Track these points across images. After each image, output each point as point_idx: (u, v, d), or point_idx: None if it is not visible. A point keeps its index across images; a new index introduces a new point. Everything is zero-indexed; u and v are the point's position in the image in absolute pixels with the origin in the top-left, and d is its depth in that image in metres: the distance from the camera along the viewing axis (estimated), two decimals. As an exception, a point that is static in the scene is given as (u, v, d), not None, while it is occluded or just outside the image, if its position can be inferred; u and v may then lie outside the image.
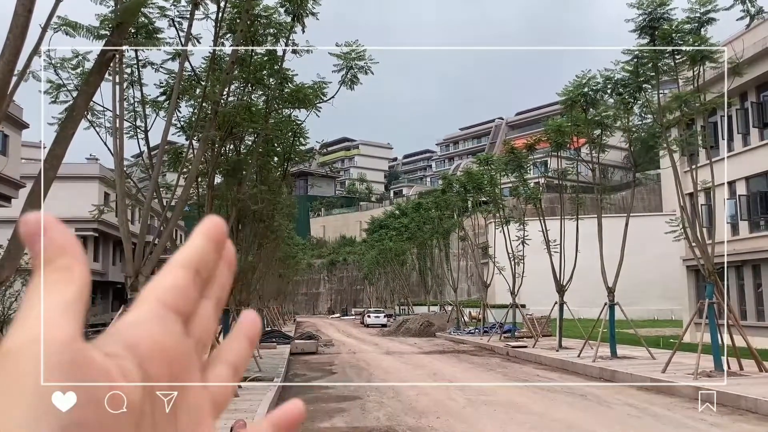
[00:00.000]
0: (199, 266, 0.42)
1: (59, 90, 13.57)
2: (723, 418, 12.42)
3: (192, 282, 0.42)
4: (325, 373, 21.10)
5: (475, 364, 23.32)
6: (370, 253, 73.85)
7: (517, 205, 31.49)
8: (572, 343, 25.31)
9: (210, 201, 15.88)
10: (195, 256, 0.42)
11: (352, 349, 31.29)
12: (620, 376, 17.86)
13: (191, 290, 0.42)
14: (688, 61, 17.21)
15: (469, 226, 41.87)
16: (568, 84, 21.12)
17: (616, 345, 21.26)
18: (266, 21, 14.95)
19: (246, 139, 17.94)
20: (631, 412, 13.24)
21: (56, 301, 0.34)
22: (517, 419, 12.65)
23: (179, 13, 13.45)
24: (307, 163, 25.82)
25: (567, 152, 25.65)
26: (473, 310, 45.66)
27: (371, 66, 16.50)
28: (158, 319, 0.39)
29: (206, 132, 12.72)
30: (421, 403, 14.53)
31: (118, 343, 0.37)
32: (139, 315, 0.39)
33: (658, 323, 43.09)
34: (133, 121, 14.94)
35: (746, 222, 26.99)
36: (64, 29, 10.27)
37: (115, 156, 11.73)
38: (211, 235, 0.43)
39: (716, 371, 16.34)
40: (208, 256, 0.43)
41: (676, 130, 19.32)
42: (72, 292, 0.35)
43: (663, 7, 17.06)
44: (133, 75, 14.26)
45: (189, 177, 12.99)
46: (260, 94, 16.99)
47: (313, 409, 14.16)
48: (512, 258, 29.70)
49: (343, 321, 71.30)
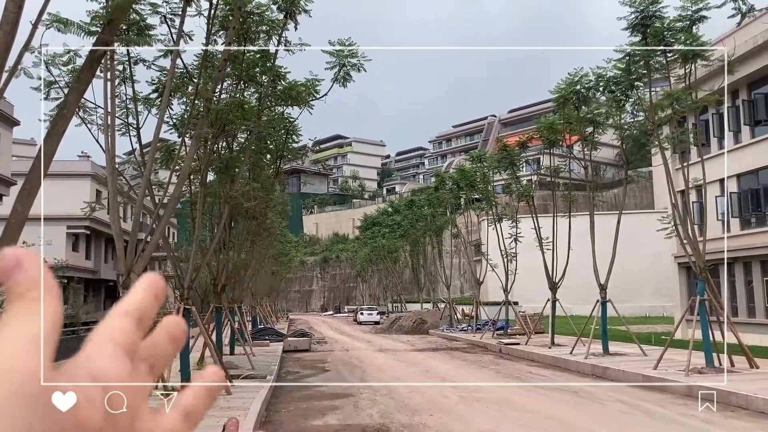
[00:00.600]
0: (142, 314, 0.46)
1: (51, 87, 13.48)
2: (714, 414, 12.48)
3: (136, 328, 0.45)
4: (318, 371, 21.09)
5: (468, 362, 23.36)
6: (363, 251, 73.89)
7: (510, 203, 31.57)
8: (565, 340, 25.40)
9: (202, 198, 15.82)
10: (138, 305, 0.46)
11: (345, 346, 31.29)
12: (612, 372, 17.93)
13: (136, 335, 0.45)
14: (679, 58, 17.27)
15: (462, 224, 41.92)
16: (560, 82, 21.17)
17: (608, 342, 21.34)
18: (259, 18, 14.89)
19: (239, 136, 17.89)
20: (623, 409, 13.29)
21: (24, 332, 0.36)
22: (511, 416, 12.68)
23: (171, 10, 13.37)
24: (300, 161, 25.77)
25: (559, 150, 25.69)
26: (466, 308, 45.74)
27: (364, 63, 16.47)
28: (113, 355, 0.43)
29: (198, 129, 12.67)
30: (414, 401, 14.55)
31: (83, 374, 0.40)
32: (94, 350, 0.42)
33: (649, 320, 43.29)
34: (125, 119, 14.85)
35: (737, 219, 27.11)
36: (56, 26, 10.21)
37: (107, 153, 11.67)
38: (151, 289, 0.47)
39: (707, 368, 16.44)
40: (148, 306, 0.46)
41: (667, 127, 19.39)
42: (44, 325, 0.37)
43: (655, 5, 17.11)
44: (125, 72, 14.17)
45: (181, 174, 12.94)
46: (253, 91, 16.94)
47: (306, 406, 14.16)
48: (505, 255, 29.76)
49: (336, 318, 71.31)
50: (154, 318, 0.47)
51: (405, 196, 76.45)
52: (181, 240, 52.24)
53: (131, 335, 0.44)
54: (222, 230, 16.94)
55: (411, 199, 55.71)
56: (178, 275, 14.77)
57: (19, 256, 0.38)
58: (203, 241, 20.16)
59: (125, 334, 0.44)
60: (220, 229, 16.61)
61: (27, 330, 0.36)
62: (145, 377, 0.46)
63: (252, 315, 37.54)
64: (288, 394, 15.94)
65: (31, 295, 0.37)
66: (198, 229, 15.73)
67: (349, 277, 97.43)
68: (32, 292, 0.37)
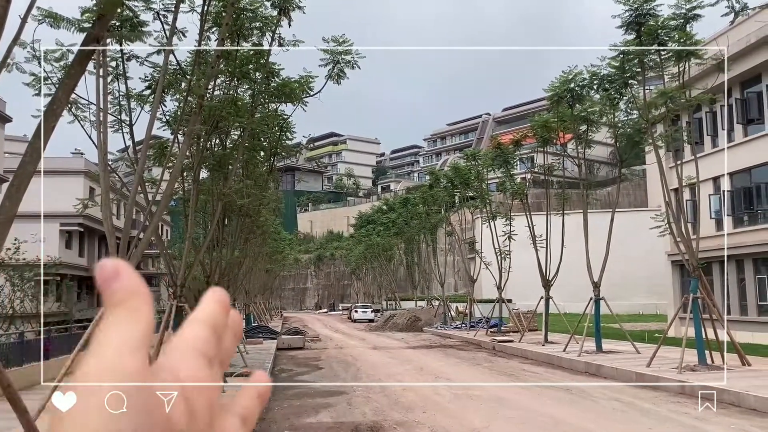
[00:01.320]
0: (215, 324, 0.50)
1: (44, 83, 13.38)
2: (707, 411, 12.52)
3: (213, 335, 0.50)
4: (311, 368, 21.07)
5: (462, 359, 23.38)
6: (357, 249, 73.80)
7: (504, 201, 31.58)
8: (558, 337, 25.45)
9: (195, 195, 15.76)
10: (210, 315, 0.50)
11: (339, 344, 31.28)
12: (605, 370, 17.97)
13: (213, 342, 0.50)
14: (673, 57, 17.30)
15: (456, 222, 41.95)
16: (554, 80, 21.18)
17: (601, 339, 21.39)
18: (252, 14, 14.82)
19: (232, 133, 17.81)
20: (617, 407, 13.32)
21: (126, 338, 0.41)
22: (504, 414, 12.69)
23: (164, 6, 13.30)
24: (294, 158, 25.74)
25: (553, 148, 25.73)
26: (460, 305, 45.83)
27: (358, 60, 16.43)
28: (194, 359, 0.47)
29: (191, 126, 12.61)
30: (407, 398, 14.54)
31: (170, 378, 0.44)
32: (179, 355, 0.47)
33: (643, 318, 43.42)
34: (118, 115, 14.77)
35: (730, 217, 27.20)
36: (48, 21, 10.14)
37: (100, 150, 11.60)
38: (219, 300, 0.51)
39: (700, 365, 16.50)
40: (219, 316, 0.51)
41: (661, 125, 19.43)
42: (140, 330, 0.41)
43: (649, 3, 17.12)
44: (117, 68, 14.09)
45: (174, 171, 12.88)
46: (246, 88, 16.87)
47: (299, 404, 14.14)
48: (499, 253, 29.79)
49: (331, 316, 71.26)
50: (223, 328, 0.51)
51: (400, 194, 76.49)
52: (174, 237, 52.11)
53: (209, 342, 0.49)
54: (215, 227, 16.87)
55: (406, 197, 55.68)
56: (171, 273, 14.71)
57: (117, 267, 0.42)
58: (196, 238, 20.09)
59: (204, 341, 0.48)
60: (213, 226, 16.54)
61: (129, 334, 0.40)
62: (220, 376, 0.50)
63: (246, 313, 37.47)
64: (281, 392, 15.91)
65: (129, 303, 0.42)
66: (191, 227, 15.66)
67: (343, 275, 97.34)
68: (131, 300, 0.42)
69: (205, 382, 0.46)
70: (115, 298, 0.41)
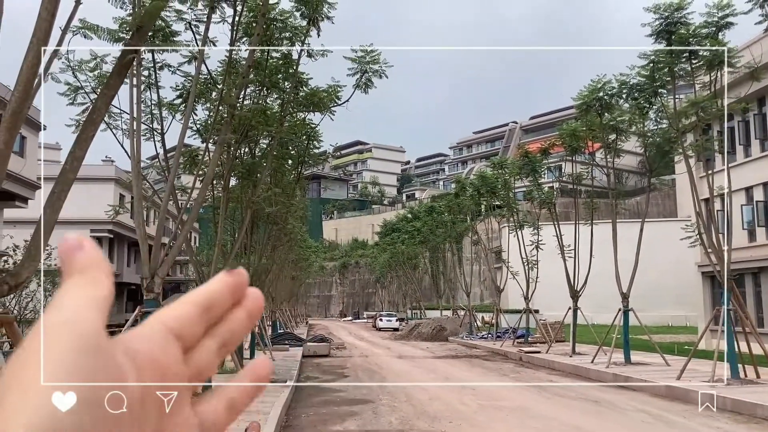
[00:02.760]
0: (210, 305, 0.47)
1: (77, 92, 13.69)
2: (739, 426, 12.29)
3: (198, 317, 0.46)
4: (337, 376, 21.11)
5: (488, 369, 23.24)
6: (382, 257, 73.85)
7: (531, 210, 31.38)
8: (586, 348, 25.17)
9: (225, 203, 15.95)
10: (207, 296, 0.47)
11: (364, 352, 31.28)
12: (634, 382, 17.72)
13: (196, 324, 0.46)
14: (704, 65, 17.09)
15: (483, 230, 41.74)
16: (583, 88, 21.04)
17: (630, 351, 21.11)
18: (282, 25, 15.01)
19: (261, 142, 18.01)
20: (645, 419, 13.13)
21: (88, 297, 0.40)
22: (530, 424, 12.59)
23: (196, 17, 13.54)
24: (321, 166, 25.87)
25: (582, 157, 25.52)
26: (486, 315, 45.53)
27: (386, 69, 16.53)
28: (159, 338, 0.44)
29: (222, 135, 12.78)
30: (433, 407, 14.49)
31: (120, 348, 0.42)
32: (143, 331, 0.44)
33: (672, 329, 42.75)
34: (150, 124, 15.04)
35: (764, 228, 26.71)
36: (83, 32, 10.38)
37: (132, 158, 11.81)
38: (228, 282, 0.48)
39: (733, 379, 16.19)
40: (220, 298, 0.47)
41: (691, 135, 19.18)
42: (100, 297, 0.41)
43: (680, 11, 16.95)
44: (150, 78, 14.35)
45: (204, 179, 13.05)
46: (276, 97, 17.06)
47: (326, 412, 14.18)
48: (526, 263, 29.57)
49: (355, 324, 71.31)
50: (226, 315, 0.48)
51: (425, 202, 76.40)
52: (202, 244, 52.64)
53: (189, 323, 0.46)
54: (244, 235, 17.04)
55: (431, 206, 55.59)
56: (200, 279, 14.88)
57: (81, 240, 0.42)
58: (225, 245, 20.30)
59: (182, 320, 0.46)
60: (242, 233, 16.71)
61: (88, 294, 0.40)
62: (213, 355, 0.48)
63: (272, 319, 37.70)
64: (308, 399, 15.97)
65: (89, 271, 0.41)
66: (220, 234, 15.83)
67: (368, 283, 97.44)
68: (91, 271, 0.42)
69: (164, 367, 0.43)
70: (76, 266, 0.41)
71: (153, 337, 0.44)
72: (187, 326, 0.46)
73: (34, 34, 4.23)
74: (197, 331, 0.47)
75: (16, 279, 5.04)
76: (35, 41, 4.19)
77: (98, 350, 0.38)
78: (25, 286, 5.31)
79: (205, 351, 0.47)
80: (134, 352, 0.42)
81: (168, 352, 0.44)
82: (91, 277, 0.41)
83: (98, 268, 0.42)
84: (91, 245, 0.43)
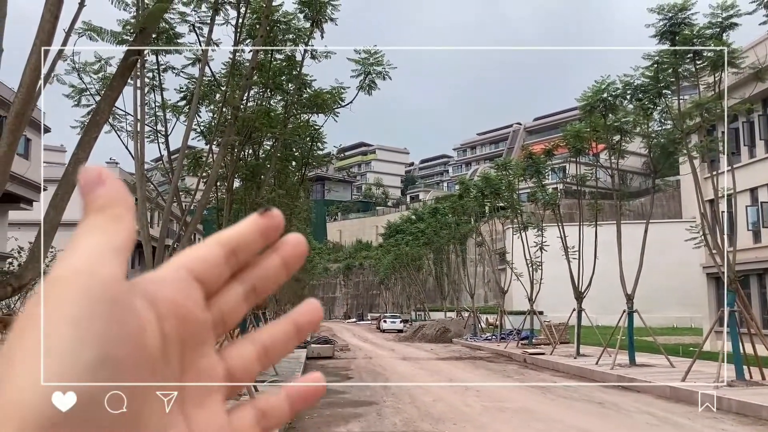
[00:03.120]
0: (237, 247, 0.43)
1: (81, 94, 13.72)
2: (744, 427, 12.25)
3: (224, 259, 0.42)
4: (341, 378, 21.10)
5: (492, 371, 23.21)
6: (386, 258, 73.84)
7: (535, 211, 31.34)
8: (590, 350, 25.11)
9: (229, 205, 15.96)
10: (235, 237, 0.43)
11: (368, 354, 31.27)
12: (639, 384, 17.67)
13: (221, 266, 0.42)
14: (708, 66, 17.04)
15: (487, 232, 41.71)
16: (587, 89, 21.01)
17: (634, 352, 21.05)
18: (285, 27, 15.02)
19: (265, 143, 18.03)
20: (650, 421, 13.09)
21: (105, 241, 0.36)
22: (534, 426, 12.56)
23: (200, 19, 13.55)
24: (325, 168, 25.87)
25: (586, 158, 25.48)
26: (490, 317, 45.50)
27: (389, 71, 16.51)
28: (180, 282, 0.40)
29: (226, 137, 12.79)
30: (437, 409, 14.48)
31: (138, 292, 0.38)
32: (163, 274, 0.41)
33: (677, 331, 42.64)
34: (154, 126, 15.06)
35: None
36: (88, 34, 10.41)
37: (136, 160, 11.83)
38: (260, 223, 0.43)
39: (738, 380, 16.12)
40: (249, 240, 0.43)
41: (696, 136, 19.13)
42: (121, 239, 0.37)
43: (684, 12, 16.92)
44: (154, 80, 14.38)
45: (208, 181, 13.06)
46: (279, 99, 17.07)
47: (329, 414, 14.17)
48: (530, 264, 29.53)
49: (359, 326, 71.32)
50: (256, 258, 0.44)
51: (429, 204, 76.37)
52: (206, 246, 52.66)
53: (214, 267, 0.42)
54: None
55: (435, 207, 55.56)
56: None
57: (101, 172, 0.39)
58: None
59: (205, 262, 0.42)
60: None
61: (107, 240, 0.36)
62: (240, 300, 0.44)
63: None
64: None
65: (111, 210, 0.38)
66: (224, 236, 15.81)
67: (372, 285, 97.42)
68: (112, 208, 0.38)
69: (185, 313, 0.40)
70: (97, 203, 0.37)
71: (174, 280, 0.40)
72: (211, 269, 0.42)
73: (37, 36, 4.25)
74: (222, 275, 0.43)
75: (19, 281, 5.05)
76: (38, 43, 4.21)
77: (115, 302, 0.35)
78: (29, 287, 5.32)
79: (231, 296, 0.43)
80: (153, 297, 0.38)
81: (190, 297, 0.41)
82: (111, 215, 0.37)
83: (120, 204, 0.38)
84: (113, 178, 0.39)
